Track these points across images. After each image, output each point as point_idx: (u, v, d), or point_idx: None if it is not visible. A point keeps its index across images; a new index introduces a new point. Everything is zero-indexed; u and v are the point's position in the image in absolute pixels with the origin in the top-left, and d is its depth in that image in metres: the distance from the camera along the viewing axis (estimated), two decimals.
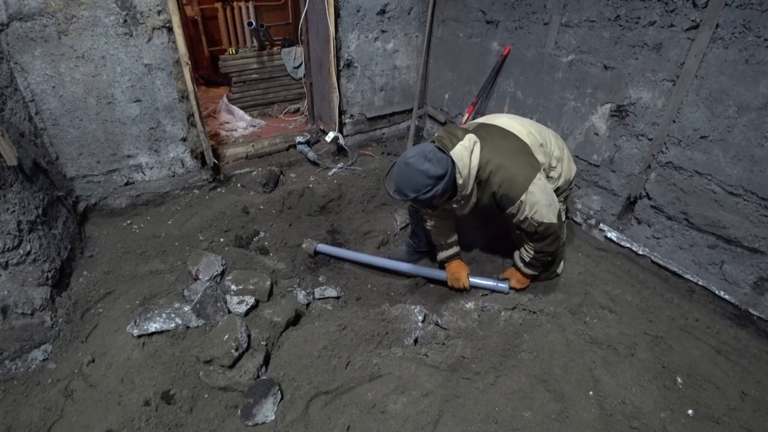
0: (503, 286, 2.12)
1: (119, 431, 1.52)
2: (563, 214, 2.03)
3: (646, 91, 2.14)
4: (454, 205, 1.92)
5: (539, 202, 1.73)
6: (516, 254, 2.08)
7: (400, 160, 1.72)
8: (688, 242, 2.15)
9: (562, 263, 2.25)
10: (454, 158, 1.70)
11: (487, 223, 2.66)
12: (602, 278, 2.25)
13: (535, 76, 2.74)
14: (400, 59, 3.57)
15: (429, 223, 2.19)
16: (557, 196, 2.04)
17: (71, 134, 2.45)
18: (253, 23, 4.15)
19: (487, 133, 1.83)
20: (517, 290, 2.12)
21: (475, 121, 2.02)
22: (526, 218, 1.78)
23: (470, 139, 1.75)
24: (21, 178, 1.96)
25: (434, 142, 1.77)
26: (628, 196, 2.36)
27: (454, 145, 1.72)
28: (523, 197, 1.72)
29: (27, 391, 1.70)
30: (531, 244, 1.93)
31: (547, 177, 1.94)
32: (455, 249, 2.24)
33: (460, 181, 1.73)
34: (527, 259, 1.99)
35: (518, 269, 2.08)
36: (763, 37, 1.68)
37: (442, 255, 2.24)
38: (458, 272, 2.19)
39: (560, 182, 2.00)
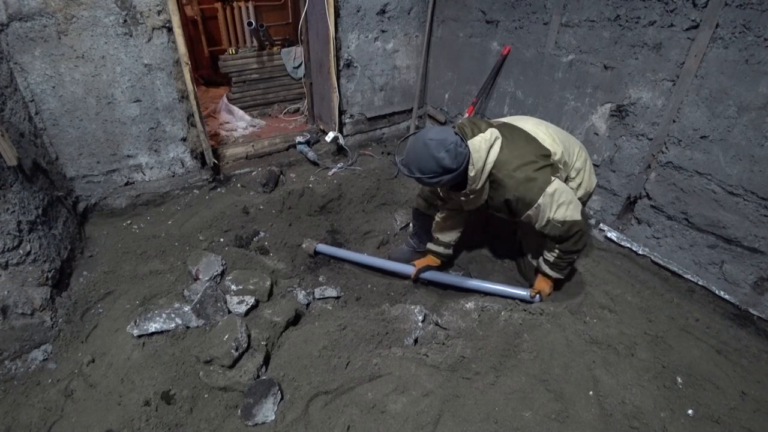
0: (525, 294, 2.07)
1: (119, 431, 1.52)
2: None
3: (646, 91, 2.14)
4: (462, 198, 1.88)
5: (558, 200, 1.70)
6: (540, 260, 2.03)
7: (420, 135, 1.67)
8: (688, 242, 2.15)
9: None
10: (471, 148, 1.66)
11: (490, 222, 2.67)
12: (602, 278, 2.24)
13: (535, 76, 2.74)
14: (400, 59, 3.57)
15: (439, 215, 2.20)
16: None
17: (71, 134, 2.45)
18: (253, 23, 4.14)
19: (510, 133, 1.78)
20: (542, 299, 2.06)
21: (500, 119, 1.98)
22: (548, 221, 1.74)
23: (493, 134, 1.71)
24: (21, 178, 1.95)
25: (455, 128, 1.73)
26: (628, 196, 2.36)
27: (474, 135, 1.69)
28: (540, 200, 1.68)
29: (27, 391, 1.70)
30: (556, 245, 1.88)
31: None
32: (443, 250, 2.30)
33: (471, 173, 1.69)
34: (552, 260, 1.94)
35: (544, 273, 2.03)
36: (763, 37, 1.68)
37: (431, 246, 2.33)
38: (422, 262, 2.29)
39: (580, 193, 1.95)
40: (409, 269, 2.33)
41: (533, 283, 2.12)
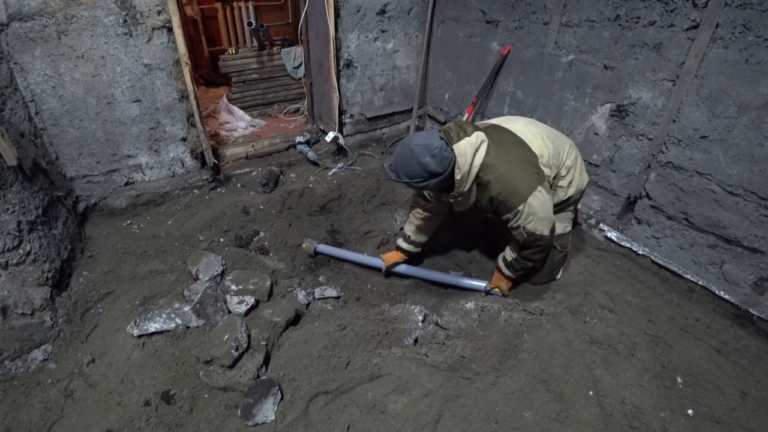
0: (480, 284, 2.21)
1: (119, 431, 1.52)
2: (559, 227, 2.04)
3: (646, 91, 2.14)
4: (451, 200, 1.93)
5: (536, 213, 1.74)
6: (500, 256, 2.11)
7: (407, 141, 1.72)
8: (688, 242, 2.15)
9: (561, 270, 2.25)
10: (457, 152, 1.69)
11: (489, 223, 2.66)
12: (602, 278, 2.24)
13: (535, 76, 2.74)
14: (400, 59, 3.57)
15: (418, 215, 2.25)
16: (569, 205, 2.05)
17: (71, 134, 2.45)
18: (253, 23, 4.14)
19: (497, 136, 1.80)
20: (505, 295, 2.14)
21: (488, 120, 1.99)
22: (519, 226, 1.80)
23: (478, 137, 1.73)
24: (21, 178, 1.95)
25: (440, 132, 1.75)
26: (628, 196, 2.36)
27: (459, 139, 1.71)
28: (520, 207, 1.73)
29: (27, 391, 1.70)
30: (517, 248, 1.96)
31: (557, 186, 1.94)
32: (411, 248, 2.35)
33: (458, 177, 1.72)
34: (509, 259, 2.03)
35: (498, 268, 2.12)
36: (763, 37, 1.68)
37: (400, 242, 2.37)
38: (390, 258, 2.37)
39: (571, 191, 1.97)
40: (380, 263, 2.40)
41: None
